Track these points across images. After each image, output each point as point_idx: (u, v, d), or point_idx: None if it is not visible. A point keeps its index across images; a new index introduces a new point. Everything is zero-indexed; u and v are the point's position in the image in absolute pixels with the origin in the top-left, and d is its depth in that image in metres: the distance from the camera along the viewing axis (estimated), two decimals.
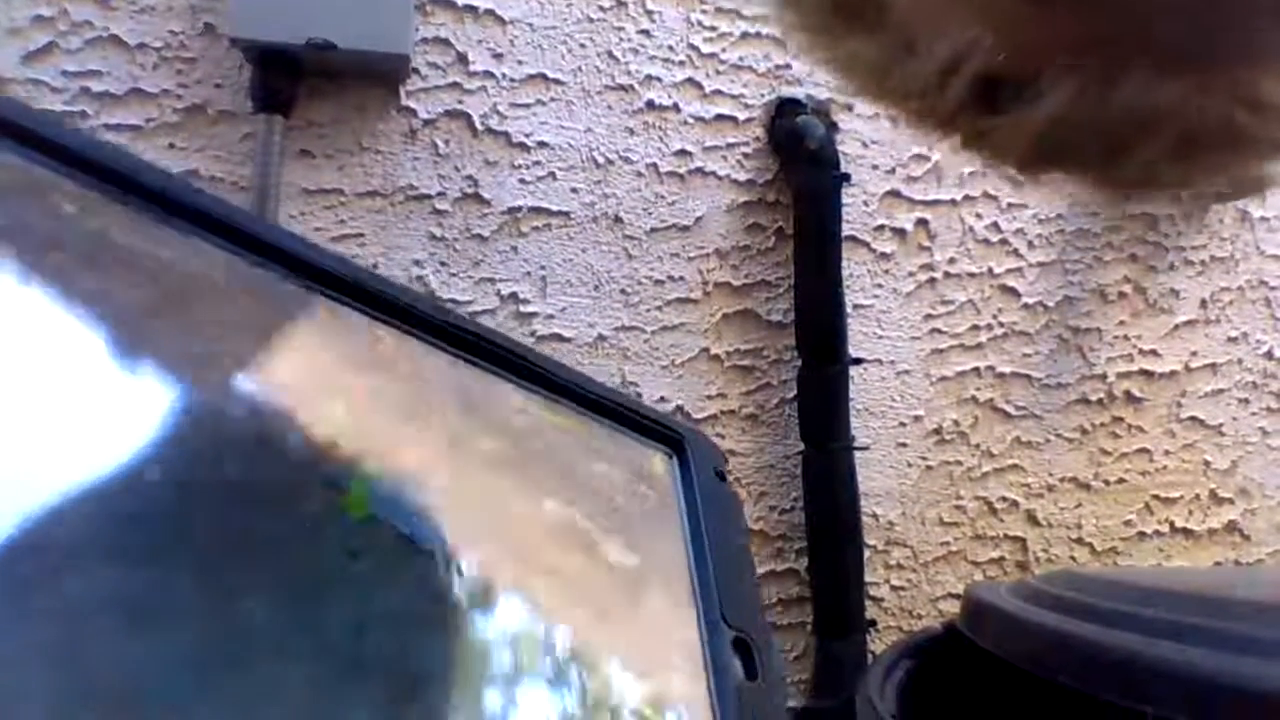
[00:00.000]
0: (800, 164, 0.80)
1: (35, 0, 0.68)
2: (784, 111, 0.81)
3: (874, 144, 0.85)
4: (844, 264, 0.80)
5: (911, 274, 0.86)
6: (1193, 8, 0.18)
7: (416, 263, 0.75)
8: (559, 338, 0.78)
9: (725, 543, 0.36)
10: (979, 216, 0.87)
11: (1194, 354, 0.93)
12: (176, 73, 0.71)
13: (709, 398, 0.82)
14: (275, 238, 0.31)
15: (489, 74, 0.76)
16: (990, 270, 0.88)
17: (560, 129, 0.78)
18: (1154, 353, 0.92)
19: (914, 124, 0.26)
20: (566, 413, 0.35)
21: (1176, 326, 0.92)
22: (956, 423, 0.87)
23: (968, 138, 0.25)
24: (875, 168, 0.85)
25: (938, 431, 0.87)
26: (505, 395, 0.33)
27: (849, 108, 0.84)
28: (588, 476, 0.33)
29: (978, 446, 0.88)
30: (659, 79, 0.80)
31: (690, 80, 0.81)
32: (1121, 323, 0.91)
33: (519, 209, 0.77)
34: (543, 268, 0.78)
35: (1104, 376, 0.91)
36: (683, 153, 0.81)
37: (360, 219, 0.74)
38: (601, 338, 0.79)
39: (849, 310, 0.81)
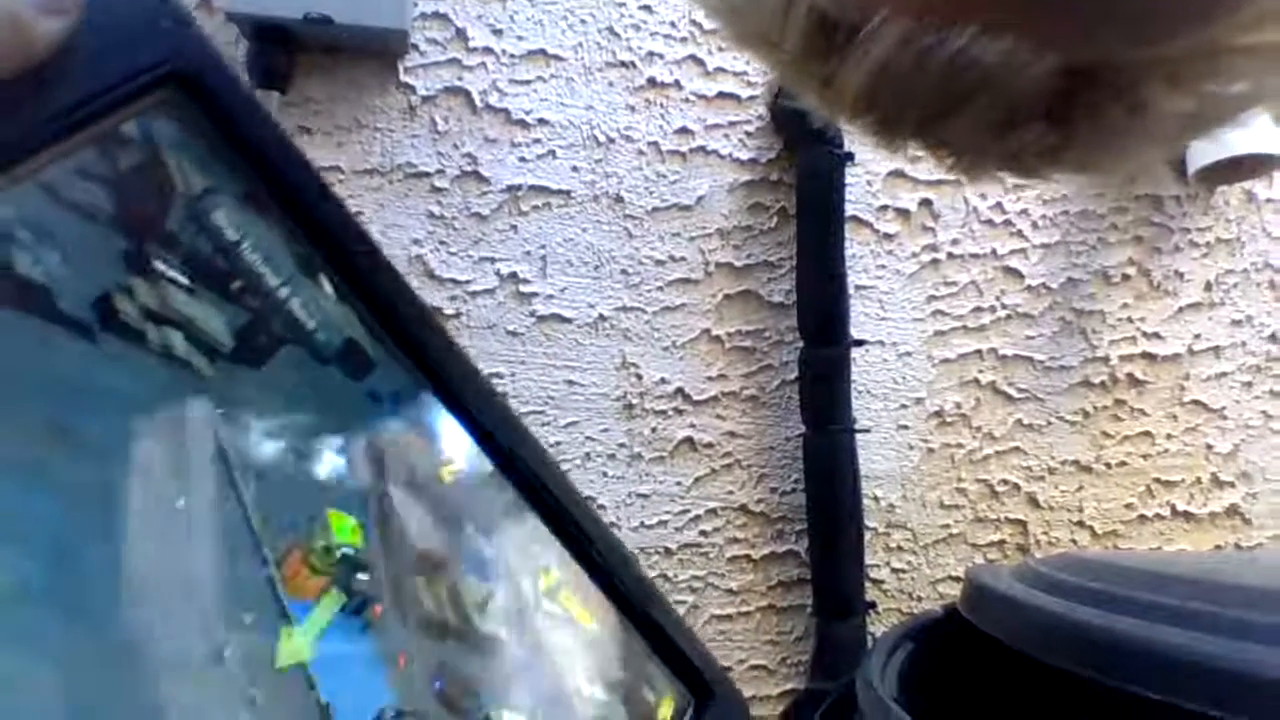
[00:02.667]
0: (803, 143, 0.79)
1: None
2: (787, 89, 0.80)
3: None
4: (846, 244, 0.80)
5: (914, 255, 0.86)
6: None
7: (415, 241, 0.74)
8: (559, 318, 0.78)
9: None
10: (983, 197, 0.87)
11: (1197, 337, 0.92)
12: None
13: (710, 379, 0.81)
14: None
15: (488, 50, 0.75)
16: (994, 251, 0.87)
17: (561, 106, 0.77)
18: (1157, 335, 0.91)
19: (777, 72, 0.25)
20: (597, 606, 0.30)
21: (1180, 309, 0.92)
22: (958, 405, 0.87)
23: (815, 87, 0.24)
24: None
25: (939, 414, 0.87)
26: (541, 558, 0.30)
27: None
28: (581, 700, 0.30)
29: (979, 429, 0.88)
30: (661, 55, 0.79)
31: (692, 57, 0.80)
32: (1125, 305, 0.91)
33: (519, 187, 0.77)
34: (543, 247, 0.77)
35: (1107, 359, 0.90)
36: (684, 131, 0.80)
37: (358, 197, 0.73)
38: (602, 318, 0.79)
39: (851, 291, 0.81)
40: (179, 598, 0.22)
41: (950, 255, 0.86)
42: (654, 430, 0.80)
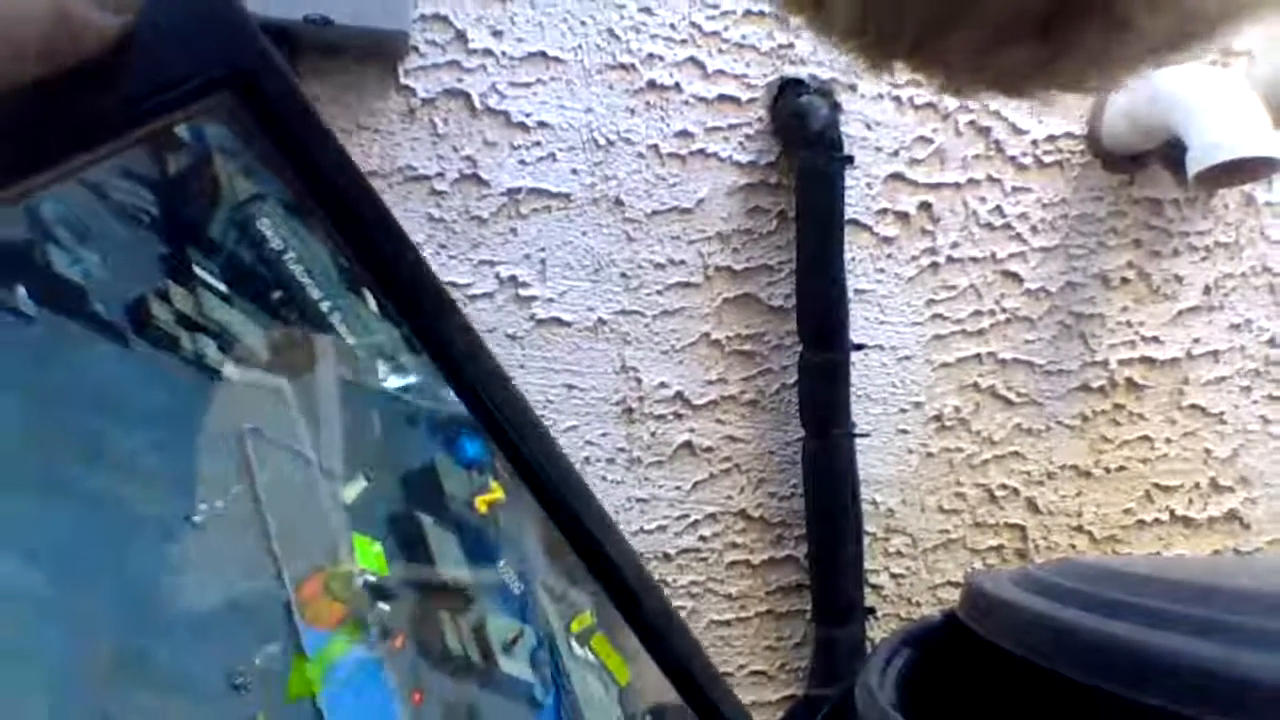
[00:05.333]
0: (803, 146, 0.79)
1: None
2: (787, 92, 0.80)
3: (878, 126, 0.84)
4: (846, 248, 0.80)
5: (914, 258, 0.86)
6: None
7: (415, 244, 0.74)
8: (559, 321, 0.77)
9: None
10: (982, 200, 0.87)
11: (1196, 341, 0.92)
12: None
13: (709, 383, 0.81)
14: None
15: (489, 52, 0.75)
16: (993, 255, 0.87)
17: (560, 109, 0.77)
18: (1156, 339, 0.91)
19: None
20: (627, 646, 0.29)
21: (1179, 313, 0.92)
22: (957, 409, 0.87)
23: (807, 8, 0.24)
24: (879, 150, 0.84)
25: (938, 418, 0.86)
26: (576, 599, 0.29)
27: (853, 89, 0.83)
28: None
29: (978, 433, 0.87)
30: (660, 58, 0.79)
31: (692, 59, 0.80)
32: (1124, 309, 0.91)
33: (518, 190, 0.76)
34: (542, 250, 0.77)
35: (1106, 363, 0.90)
36: (684, 134, 0.80)
37: None
38: (601, 321, 0.79)
39: (850, 295, 0.81)
40: (194, 618, 0.22)
41: (949, 259, 0.86)
42: (653, 434, 0.80)
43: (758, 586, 0.82)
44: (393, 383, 0.25)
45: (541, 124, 0.77)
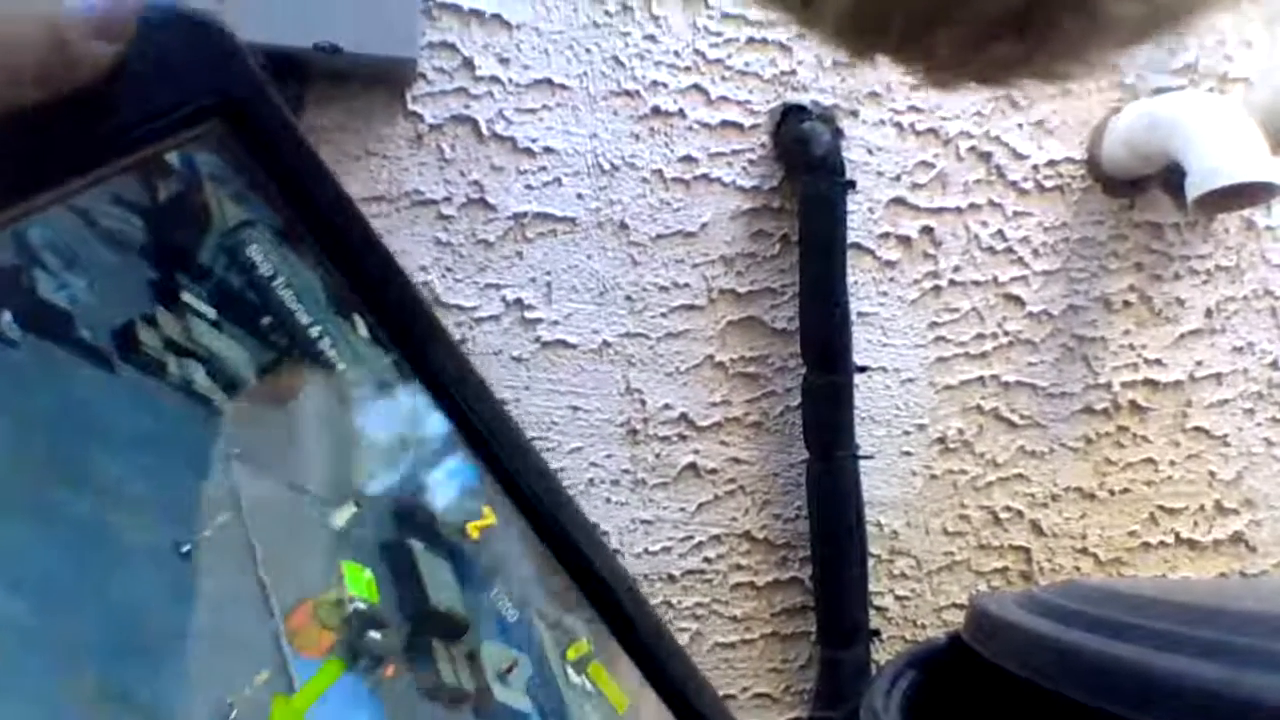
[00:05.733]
0: (805, 171, 0.80)
1: None
2: (789, 118, 0.81)
3: (879, 151, 0.84)
4: (849, 271, 0.80)
5: (916, 281, 0.86)
6: None
7: (422, 268, 0.75)
8: (564, 344, 0.78)
9: None
10: (984, 224, 0.87)
11: (1199, 363, 0.93)
12: None
13: (714, 405, 0.81)
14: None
15: (495, 79, 0.76)
16: (995, 278, 0.88)
17: (566, 134, 0.78)
18: (1159, 362, 0.92)
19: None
20: (624, 674, 0.28)
21: (1181, 336, 0.92)
22: (961, 431, 0.87)
23: (796, 7, 0.25)
24: (880, 174, 0.85)
25: (942, 440, 0.87)
26: (572, 626, 0.28)
27: (855, 115, 0.84)
28: None
29: (982, 455, 0.88)
30: (664, 84, 0.80)
31: (696, 86, 0.81)
32: (1126, 332, 0.91)
33: (524, 214, 0.77)
34: (548, 273, 0.78)
35: (1109, 386, 0.90)
36: (688, 159, 0.81)
37: None
38: (606, 344, 0.79)
39: (853, 318, 0.81)
40: (180, 647, 0.21)
41: (952, 282, 0.87)
42: (658, 456, 0.80)
43: (762, 608, 0.82)
44: (382, 408, 0.25)
45: (547, 149, 0.78)
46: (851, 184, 0.81)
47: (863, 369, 0.82)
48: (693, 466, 0.81)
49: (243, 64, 0.22)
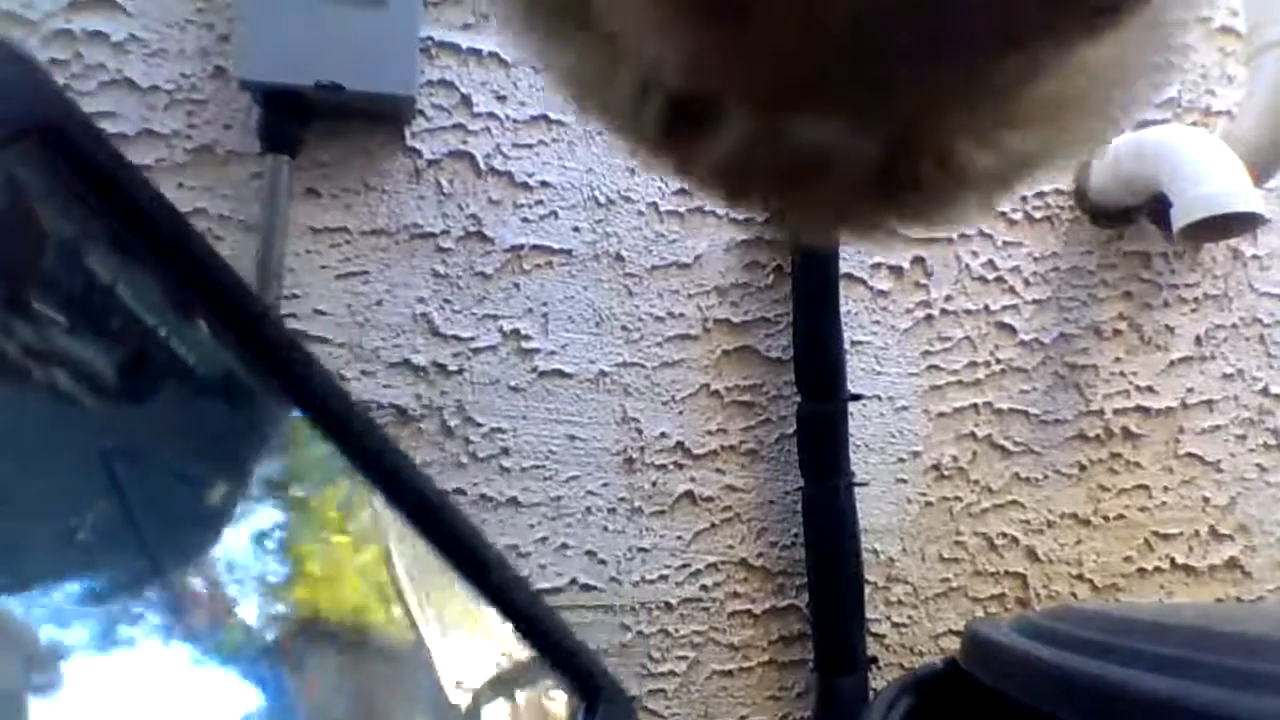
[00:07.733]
0: None
1: (50, 44, 0.69)
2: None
3: None
4: (842, 301, 0.81)
5: (909, 311, 0.87)
6: (855, 53, 0.18)
7: (420, 300, 0.76)
8: (561, 374, 0.79)
9: None
10: (975, 254, 0.89)
11: (1190, 390, 0.93)
12: (187, 114, 0.72)
13: (709, 433, 0.82)
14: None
15: (492, 115, 0.78)
16: (987, 307, 0.89)
17: (562, 169, 0.80)
18: (1150, 389, 0.93)
19: (629, 148, 0.27)
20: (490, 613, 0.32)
21: (1172, 363, 0.93)
22: (955, 458, 0.88)
23: (669, 166, 0.26)
24: None
25: (937, 467, 0.87)
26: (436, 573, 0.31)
27: None
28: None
29: (977, 482, 0.88)
30: None
31: None
32: (1117, 359, 0.92)
33: (522, 247, 0.78)
34: (545, 304, 0.79)
35: (1101, 413, 0.91)
36: (682, 192, 0.82)
37: (365, 256, 0.75)
38: (603, 373, 0.80)
39: (847, 346, 0.82)
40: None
41: (944, 311, 0.88)
42: (654, 484, 0.81)
43: (760, 636, 0.82)
44: (232, 394, 0.27)
45: (544, 183, 0.79)
46: None
47: (857, 397, 0.82)
48: (689, 494, 0.81)
49: (54, 91, 0.23)
